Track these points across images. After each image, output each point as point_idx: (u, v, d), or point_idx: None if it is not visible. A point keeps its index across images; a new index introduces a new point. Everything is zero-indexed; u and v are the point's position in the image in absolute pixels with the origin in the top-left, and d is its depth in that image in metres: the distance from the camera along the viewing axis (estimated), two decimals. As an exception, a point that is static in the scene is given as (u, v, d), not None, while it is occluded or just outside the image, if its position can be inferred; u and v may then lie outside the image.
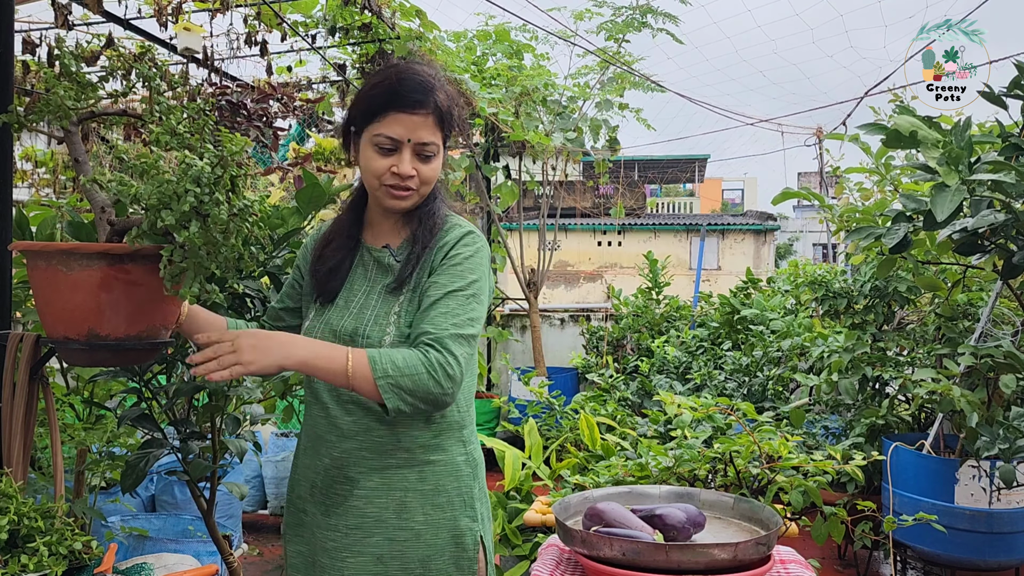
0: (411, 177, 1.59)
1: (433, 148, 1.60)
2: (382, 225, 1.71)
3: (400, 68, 1.62)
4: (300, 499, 1.68)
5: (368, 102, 1.59)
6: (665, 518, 1.36)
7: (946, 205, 2.59)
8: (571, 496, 1.52)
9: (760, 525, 1.43)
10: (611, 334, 8.05)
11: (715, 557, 1.20)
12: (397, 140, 1.57)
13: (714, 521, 1.49)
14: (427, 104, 1.58)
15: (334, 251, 1.71)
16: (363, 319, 1.61)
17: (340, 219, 1.75)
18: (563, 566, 1.40)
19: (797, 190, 3.88)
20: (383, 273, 1.67)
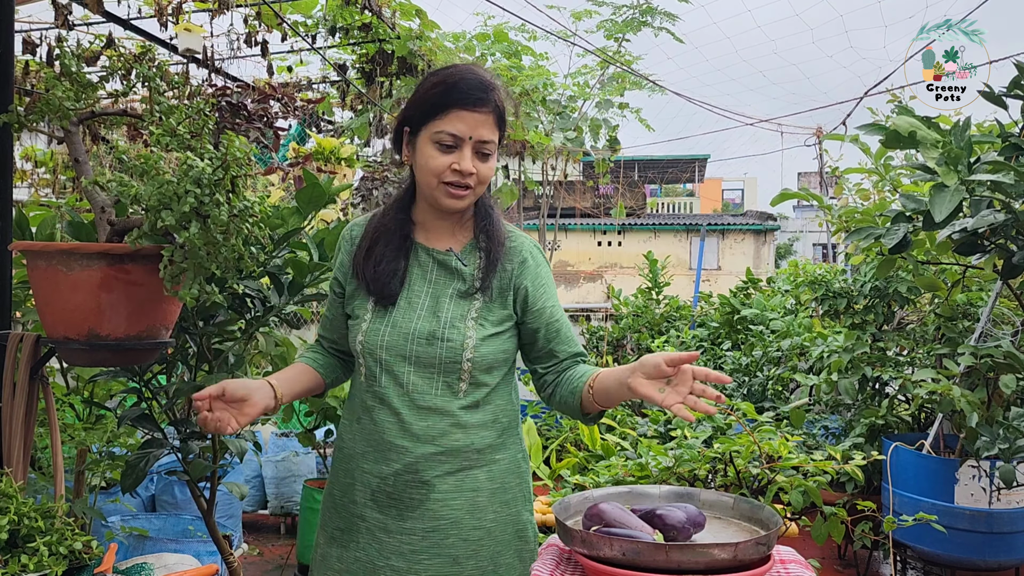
0: (471, 175, 1.59)
1: (491, 147, 1.61)
2: (437, 226, 1.70)
3: (460, 68, 1.63)
4: (355, 504, 1.65)
5: (428, 100, 1.59)
6: (665, 518, 1.36)
7: (945, 205, 2.59)
8: (571, 496, 1.52)
9: (760, 525, 1.43)
10: (611, 334, 8.05)
11: (715, 557, 1.20)
12: (459, 137, 1.57)
13: (714, 521, 1.49)
14: (488, 102, 1.59)
15: (386, 251, 1.67)
16: (439, 321, 1.61)
17: (385, 218, 1.71)
18: (563, 566, 1.40)
19: (796, 191, 3.89)
20: (448, 276, 1.66)
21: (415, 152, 1.63)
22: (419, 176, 1.63)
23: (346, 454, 1.69)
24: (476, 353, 1.61)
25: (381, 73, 5.86)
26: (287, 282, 2.27)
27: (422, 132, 1.60)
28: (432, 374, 1.61)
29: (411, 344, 1.61)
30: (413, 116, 1.62)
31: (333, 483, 1.72)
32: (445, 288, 1.65)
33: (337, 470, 1.71)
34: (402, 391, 1.61)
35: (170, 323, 1.77)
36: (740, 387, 5.45)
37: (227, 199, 1.56)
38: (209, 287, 1.61)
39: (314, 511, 3.73)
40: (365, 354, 1.63)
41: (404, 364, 1.61)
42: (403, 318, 1.62)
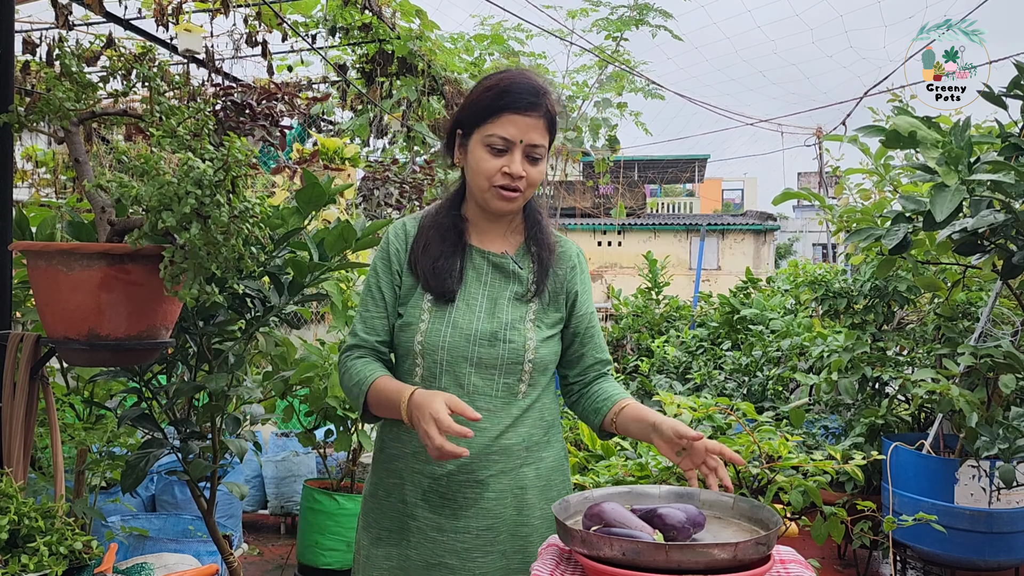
0: (521, 178, 1.62)
1: (541, 151, 1.64)
2: (490, 229, 1.73)
3: (513, 73, 1.67)
4: (405, 504, 1.66)
5: (481, 104, 1.62)
6: (665, 518, 1.35)
7: (945, 205, 2.59)
8: (571, 496, 1.52)
9: (760, 525, 1.43)
10: (611, 334, 8.05)
11: (715, 557, 1.20)
12: (510, 140, 1.60)
13: (714, 521, 1.48)
14: (540, 107, 1.62)
15: (443, 248, 1.68)
16: (499, 323, 1.64)
17: (439, 216, 1.73)
18: (563, 566, 1.40)
19: (797, 190, 3.89)
20: (504, 278, 1.70)
21: (467, 154, 1.66)
22: (470, 178, 1.66)
23: (391, 454, 1.69)
24: (536, 355, 1.66)
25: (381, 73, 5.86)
26: (287, 282, 2.27)
27: (474, 135, 1.63)
28: (492, 375, 1.63)
29: (473, 345, 1.62)
30: (466, 119, 1.65)
31: (377, 484, 1.72)
32: (501, 291, 1.68)
33: (380, 471, 1.71)
34: (462, 392, 1.62)
35: (170, 323, 1.77)
36: (740, 387, 5.45)
37: (227, 200, 1.56)
38: (209, 287, 1.61)
39: (314, 511, 3.74)
40: (424, 354, 1.63)
41: (465, 365, 1.62)
42: (463, 319, 1.64)
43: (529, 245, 1.74)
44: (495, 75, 1.68)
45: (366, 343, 1.70)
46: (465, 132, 1.66)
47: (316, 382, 3.34)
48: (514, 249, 1.74)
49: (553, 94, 1.68)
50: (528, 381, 1.67)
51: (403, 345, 1.67)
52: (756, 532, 1.41)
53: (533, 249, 1.73)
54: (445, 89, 6.06)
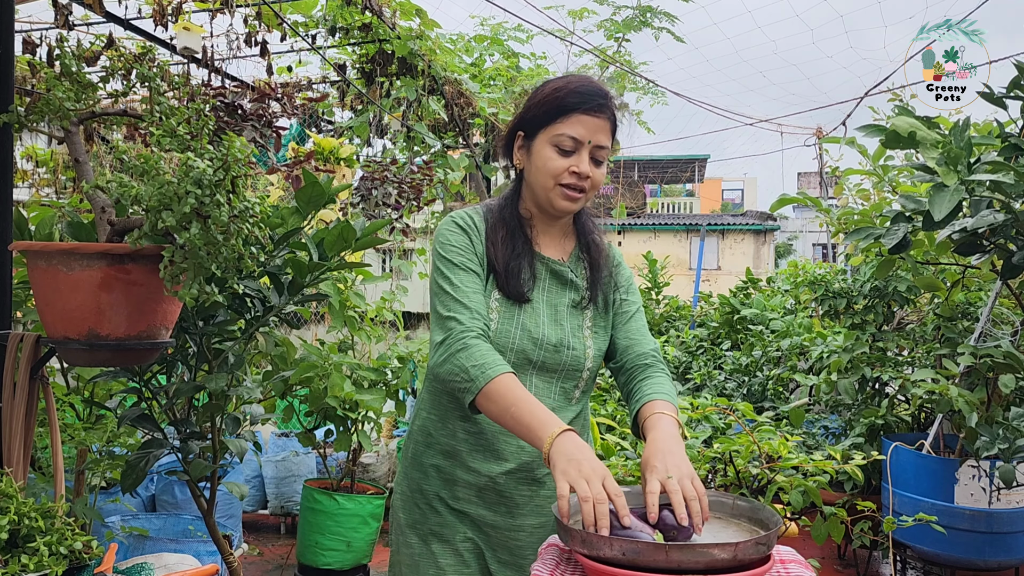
0: (587, 178, 1.62)
1: (605, 153, 1.65)
2: (546, 232, 1.74)
3: (579, 76, 1.68)
4: (457, 500, 1.67)
5: (549, 103, 1.62)
6: (665, 518, 1.36)
7: (944, 205, 2.59)
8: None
9: (760, 525, 1.43)
10: (611, 334, 8.03)
11: (715, 557, 1.20)
12: (579, 140, 1.60)
13: (714, 521, 1.49)
14: (606, 109, 1.63)
15: (514, 249, 1.68)
16: (563, 331, 1.66)
17: (504, 213, 1.71)
18: (563, 566, 1.40)
19: (794, 195, 3.88)
20: (561, 286, 1.71)
21: (530, 155, 1.66)
22: (534, 178, 1.66)
23: (440, 451, 1.68)
24: (594, 363, 1.70)
25: (381, 73, 5.86)
26: (287, 282, 2.27)
27: (540, 135, 1.63)
28: (552, 379, 1.66)
29: (540, 350, 1.64)
30: (531, 120, 1.66)
31: (422, 481, 1.71)
32: (560, 298, 1.70)
33: (425, 467, 1.70)
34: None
35: (170, 323, 1.77)
36: (740, 387, 5.45)
37: (227, 200, 1.56)
38: (209, 287, 1.61)
39: (314, 511, 3.74)
40: None
41: (529, 368, 1.64)
42: (531, 323, 1.64)
43: (581, 251, 1.76)
44: (560, 78, 1.69)
45: (480, 318, 1.57)
46: (529, 133, 1.67)
47: (316, 382, 3.34)
48: (568, 254, 1.76)
49: (616, 100, 1.69)
50: (583, 388, 1.71)
51: None
52: (756, 532, 1.41)
53: (585, 256, 1.75)
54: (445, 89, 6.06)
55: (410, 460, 1.75)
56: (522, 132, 1.69)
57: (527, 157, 1.68)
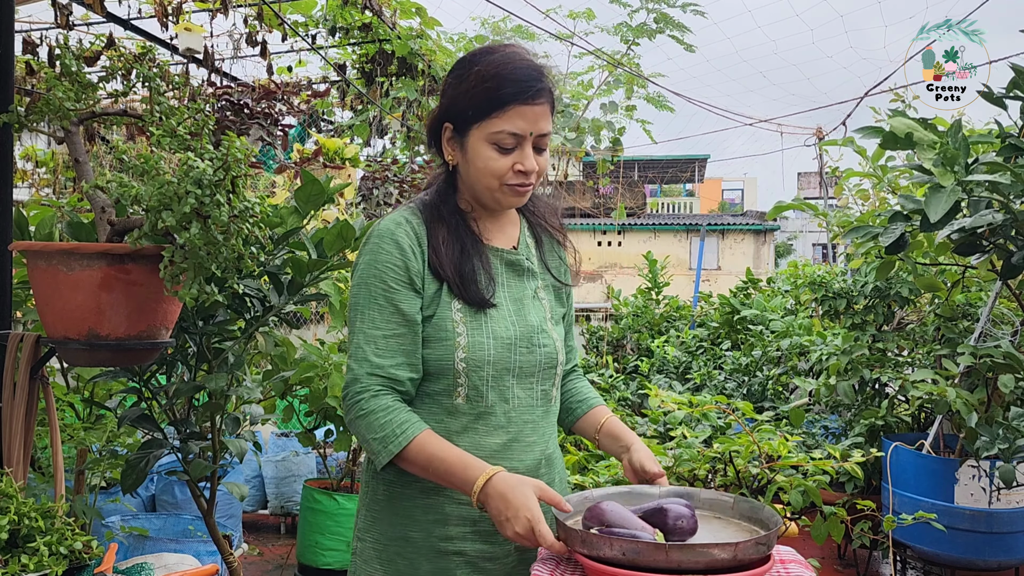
0: (533, 172, 1.46)
1: (549, 137, 1.48)
2: (493, 223, 1.57)
3: (509, 55, 1.45)
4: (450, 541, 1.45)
5: (481, 96, 1.42)
6: (668, 512, 1.35)
7: (940, 206, 2.59)
8: (570, 496, 1.52)
9: (760, 525, 1.43)
10: (611, 334, 8.05)
11: (715, 557, 1.20)
12: (520, 136, 1.43)
13: (713, 521, 1.49)
14: (544, 91, 1.44)
15: (462, 249, 1.49)
16: (531, 326, 1.51)
17: (442, 211, 1.51)
18: (563, 566, 1.40)
19: (791, 202, 3.88)
20: (518, 276, 1.55)
21: (464, 152, 1.47)
22: (474, 179, 1.47)
23: (421, 488, 1.45)
24: (563, 356, 1.57)
25: (381, 73, 5.87)
26: (287, 282, 2.27)
27: (473, 131, 1.44)
28: (531, 384, 1.51)
29: (514, 354, 1.48)
30: (460, 113, 1.45)
31: (407, 527, 1.46)
32: (521, 290, 1.54)
33: (409, 508, 1.46)
34: (507, 407, 1.48)
35: (170, 323, 1.77)
36: (740, 387, 5.45)
37: (227, 200, 1.56)
38: (209, 287, 1.62)
39: (314, 511, 3.74)
40: (468, 372, 1.44)
41: (508, 377, 1.48)
42: (499, 326, 1.47)
43: (528, 234, 1.62)
44: (486, 57, 1.45)
45: (381, 371, 1.40)
46: (459, 127, 1.46)
47: (316, 382, 3.34)
48: (516, 241, 1.59)
49: (553, 74, 1.49)
50: (558, 385, 1.58)
51: (436, 364, 1.44)
52: (756, 532, 1.41)
53: (532, 237, 1.62)
54: (445, 89, 6.07)
55: (383, 504, 1.48)
56: (450, 124, 1.48)
57: (460, 153, 1.48)
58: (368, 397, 1.40)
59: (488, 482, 1.32)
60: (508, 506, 1.29)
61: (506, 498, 1.30)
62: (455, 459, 1.37)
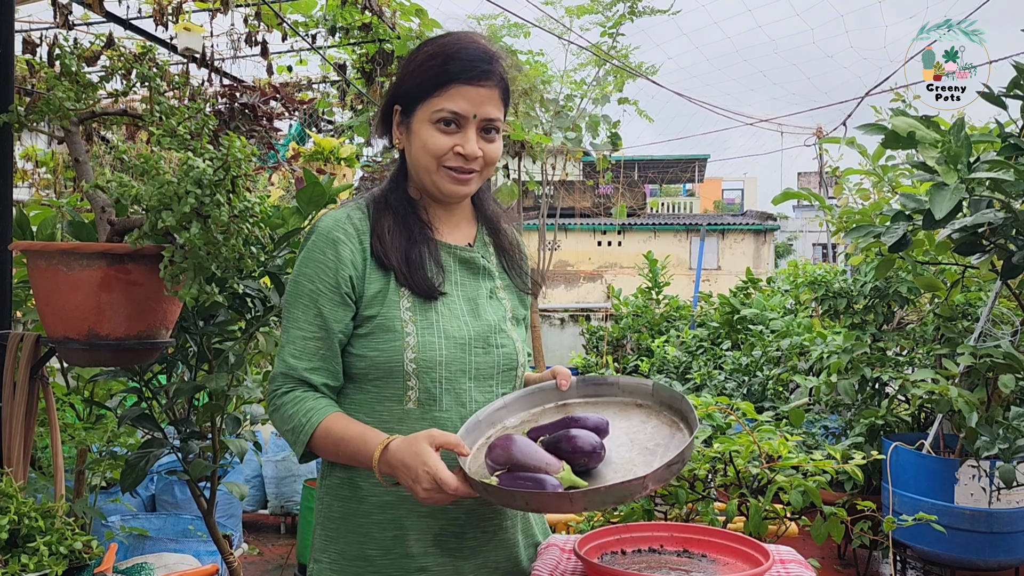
0: (477, 158, 1.39)
1: (497, 124, 1.42)
2: (446, 219, 1.49)
3: (459, 36, 1.42)
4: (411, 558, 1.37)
5: (424, 74, 1.38)
6: (576, 440, 1.26)
7: (944, 204, 2.59)
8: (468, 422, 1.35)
9: (680, 416, 1.36)
10: (611, 334, 8.05)
11: (624, 494, 1.14)
12: (462, 116, 1.37)
13: (633, 411, 1.42)
14: (493, 75, 1.40)
15: (410, 237, 1.42)
16: (487, 326, 1.43)
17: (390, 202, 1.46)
18: (563, 566, 1.40)
19: (797, 190, 3.89)
20: (474, 274, 1.48)
21: (409, 134, 1.42)
22: (416, 160, 1.42)
23: (377, 503, 1.38)
24: (524, 357, 1.49)
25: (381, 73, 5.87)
26: (287, 282, 2.27)
27: (418, 111, 1.39)
28: (490, 387, 1.43)
29: (469, 355, 1.39)
30: (406, 93, 1.41)
31: (364, 545, 1.38)
32: (476, 289, 1.47)
33: (366, 524, 1.39)
34: (464, 412, 1.39)
35: (170, 323, 1.77)
36: (740, 387, 5.45)
37: (227, 199, 1.56)
38: (209, 287, 1.61)
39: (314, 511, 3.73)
40: (419, 374, 1.36)
41: (464, 380, 1.39)
42: (451, 325, 1.39)
43: (485, 233, 1.54)
44: (437, 39, 1.43)
45: (295, 373, 1.37)
46: (406, 108, 1.42)
47: (316, 382, 3.33)
48: (473, 240, 1.52)
49: (506, 59, 1.45)
50: (520, 387, 1.51)
51: (382, 366, 1.36)
52: (676, 425, 1.34)
53: (491, 237, 1.54)
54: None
55: (339, 522, 1.41)
56: (399, 106, 1.44)
57: (406, 136, 1.43)
58: (280, 393, 1.38)
59: (384, 452, 1.26)
60: (408, 469, 1.22)
61: (404, 462, 1.23)
62: (357, 437, 1.31)
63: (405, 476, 1.23)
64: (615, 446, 1.33)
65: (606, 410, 1.43)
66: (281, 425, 1.38)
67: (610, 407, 1.45)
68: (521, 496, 1.16)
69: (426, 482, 1.20)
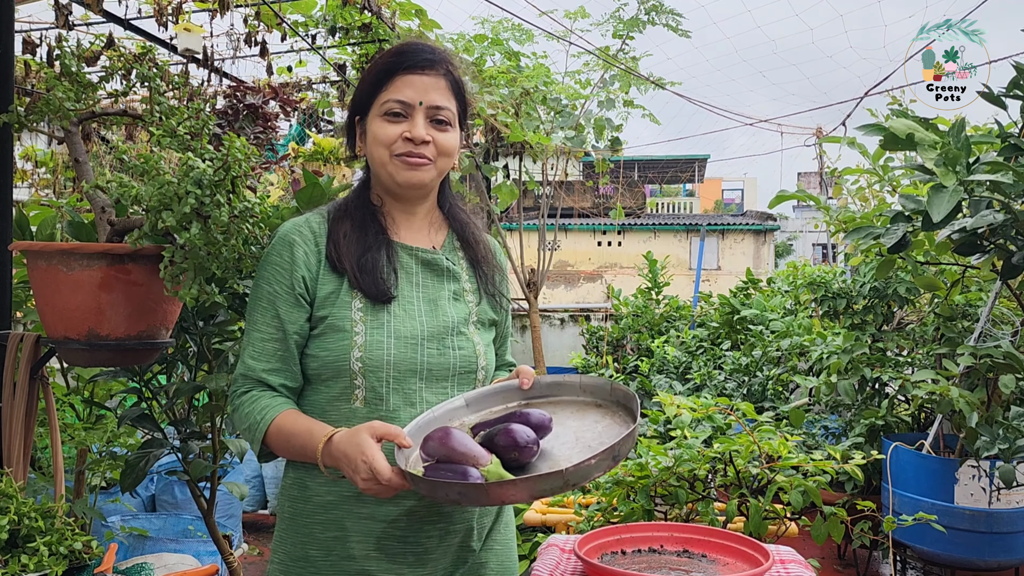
0: (426, 143, 1.41)
1: (448, 114, 1.44)
2: (408, 223, 1.50)
3: (407, 39, 1.51)
4: (352, 560, 1.37)
5: (373, 73, 1.45)
6: (512, 433, 1.27)
7: (943, 206, 2.59)
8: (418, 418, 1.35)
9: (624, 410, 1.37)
10: (611, 334, 8.06)
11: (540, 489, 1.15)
12: (407, 103, 1.41)
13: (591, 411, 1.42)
14: (437, 63, 1.44)
15: (365, 242, 1.44)
16: (444, 326, 1.43)
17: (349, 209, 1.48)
18: (563, 566, 1.40)
19: (793, 192, 3.88)
20: (437, 277, 1.48)
21: (366, 136, 1.46)
22: (372, 158, 1.45)
23: (324, 502, 1.39)
24: (486, 360, 1.49)
25: (381, 73, 5.86)
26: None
27: (371, 110, 1.44)
28: (445, 388, 1.42)
29: (420, 355, 1.39)
30: (360, 99, 1.47)
31: (306, 545, 1.39)
32: (438, 291, 1.47)
33: (309, 525, 1.39)
34: (414, 411, 1.38)
35: (170, 323, 1.77)
36: (740, 387, 5.45)
37: (227, 200, 1.56)
38: (209, 287, 1.61)
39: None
40: (366, 373, 1.36)
41: (414, 380, 1.39)
42: (403, 326, 1.39)
43: (455, 240, 1.55)
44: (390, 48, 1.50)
45: (252, 374, 1.40)
46: (363, 115, 1.47)
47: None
48: (440, 245, 1.53)
49: (456, 59, 1.49)
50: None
51: (331, 365, 1.38)
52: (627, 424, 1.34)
53: (459, 243, 1.54)
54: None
55: (288, 522, 1.43)
56: (358, 116, 1.49)
57: (365, 140, 1.47)
58: (239, 393, 1.41)
59: (328, 444, 1.28)
60: (348, 459, 1.24)
61: (345, 453, 1.24)
62: (304, 431, 1.33)
63: (347, 466, 1.25)
64: (559, 443, 1.33)
65: (565, 409, 1.44)
66: (240, 424, 1.41)
67: (569, 406, 1.45)
68: (442, 487, 1.16)
69: (364, 472, 1.21)
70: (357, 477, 1.22)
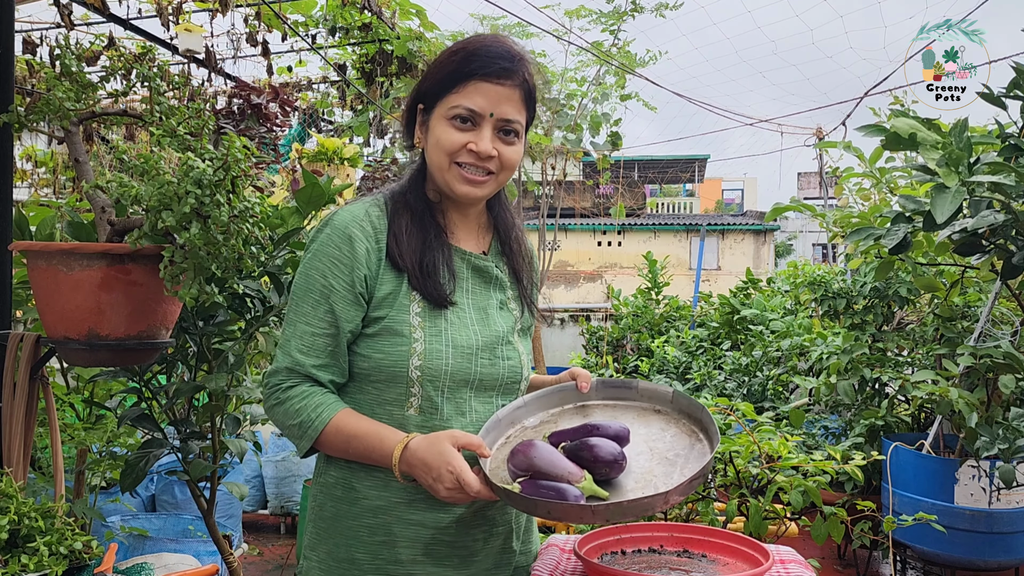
0: (491, 158, 1.36)
1: (517, 127, 1.38)
2: (462, 223, 1.47)
3: (485, 36, 1.40)
4: (399, 564, 1.35)
5: (445, 70, 1.37)
6: (595, 449, 1.27)
7: (946, 206, 2.59)
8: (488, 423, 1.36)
9: (699, 426, 1.36)
10: (611, 334, 8.06)
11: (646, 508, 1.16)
12: (477, 113, 1.34)
13: (652, 417, 1.42)
14: (514, 74, 1.36)
15: (425, 241, 1.39)
16: (495, 337, 1.41)
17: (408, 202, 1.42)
18: (563, 566, 1.40)
19: (788, 204, 3.87)
20: (485, 284, 1.45)
21: (427, 132, 1.40)
22: (431, 158, 1.39)
23: (368, 507, 1.36)
24: (528, 370, 1.47)
25: (381, 73, 5.87)
26: (287, 282, 2.27)
27: (437, 108, 1.37)
28: (491, 398, 1.41)
29: (475, 366, 1.37)
30: (428, 91, 1.40)
31: (353, 548, 1.36)
32: (487, 298, 1.44)
33: (355, 527, 1.36)
34: (464, 421, 1.36)
35: (170, 323, 1.77)
36: (740, 387, 5.45)
37: (227, 200, 1.56)
38: (209, 287, 1.61)
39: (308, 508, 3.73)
40: (423, 382, 1.33)
41: (466, 390, 1.37)
42: (459, 334, 1.36)
43: (501, 245, 1.51)
44: (464, 40, 1.41)
45: (301, 368, 1.34)
46: (427, 106, 1.40)
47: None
48: (487, 248, 1.50)
49: (532, 63, 1.41)
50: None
51: (387, 369, 1.34)
52: (695, 434, 1.34)
53: (507, 248, 1.51)
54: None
55: (329, 522, 1.39)
56: (422, 105, 1.42)
57: (425, 134, 1.41)
58: (285, 387, 1.35)
59: (405, 451, 1.26)
60: (429, 468, 1.22)
61: (425, 461, 1.23)
62: (372, 434, 1.30)
63: (425, 475, 1.24)
64: (635, 454, 1.33)
65: (625, 415, 1.44)
66: (285, 419, 1.35)
67: (629, 412, 1.45)
68: (543, 505, 1.17)
69: (448, 482, 1.21)
70: (439, 486, 1.22)
